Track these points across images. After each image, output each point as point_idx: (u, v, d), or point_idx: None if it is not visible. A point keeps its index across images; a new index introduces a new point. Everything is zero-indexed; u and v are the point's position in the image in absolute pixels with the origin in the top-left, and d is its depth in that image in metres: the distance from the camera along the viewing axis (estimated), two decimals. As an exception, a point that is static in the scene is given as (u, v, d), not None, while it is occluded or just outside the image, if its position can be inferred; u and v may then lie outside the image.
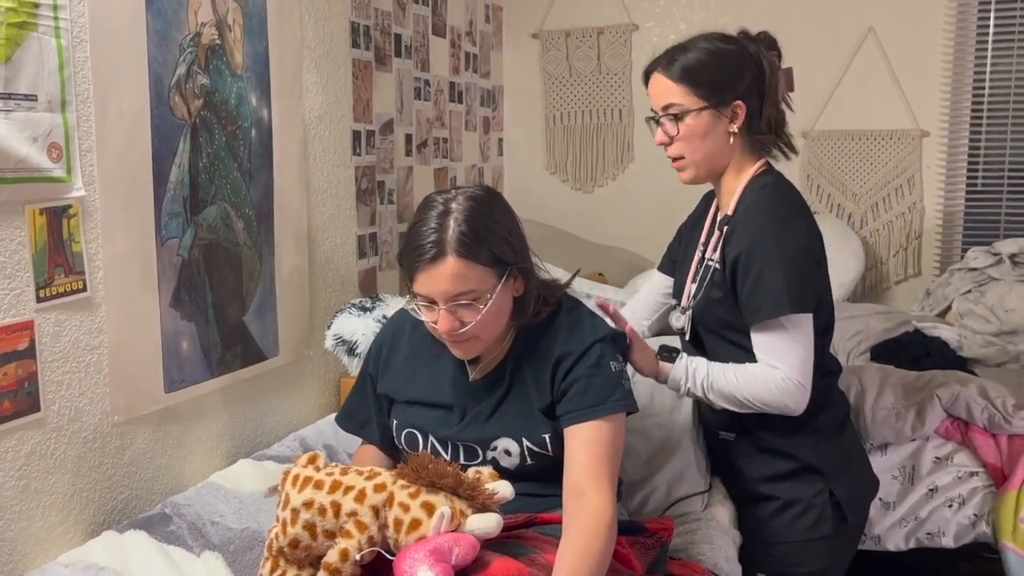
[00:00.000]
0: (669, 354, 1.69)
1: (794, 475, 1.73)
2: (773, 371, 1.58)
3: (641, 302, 2.00)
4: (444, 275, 1.35)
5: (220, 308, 1.98)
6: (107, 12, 1.62)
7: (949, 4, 3.34)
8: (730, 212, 1.69)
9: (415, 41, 2.97)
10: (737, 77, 1.63)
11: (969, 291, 3.05)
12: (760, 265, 1.58)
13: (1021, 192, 3.42)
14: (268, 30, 2.10)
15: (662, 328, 2.01)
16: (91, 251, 1.61)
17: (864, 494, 1.83)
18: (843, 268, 3.28)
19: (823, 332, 1.70)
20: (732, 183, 1.70)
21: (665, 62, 1.66)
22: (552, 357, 1.45)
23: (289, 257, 2.23)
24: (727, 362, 1.66)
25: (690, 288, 1.77)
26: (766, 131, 1.67)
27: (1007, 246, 3.08)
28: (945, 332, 2.83)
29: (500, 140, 3.90)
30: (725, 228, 1.68)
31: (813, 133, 3.52)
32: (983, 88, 3.39)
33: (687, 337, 1.79)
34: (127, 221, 1.69)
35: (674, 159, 1.69)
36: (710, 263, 1.71)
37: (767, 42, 1.68)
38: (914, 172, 3.44)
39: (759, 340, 1.61)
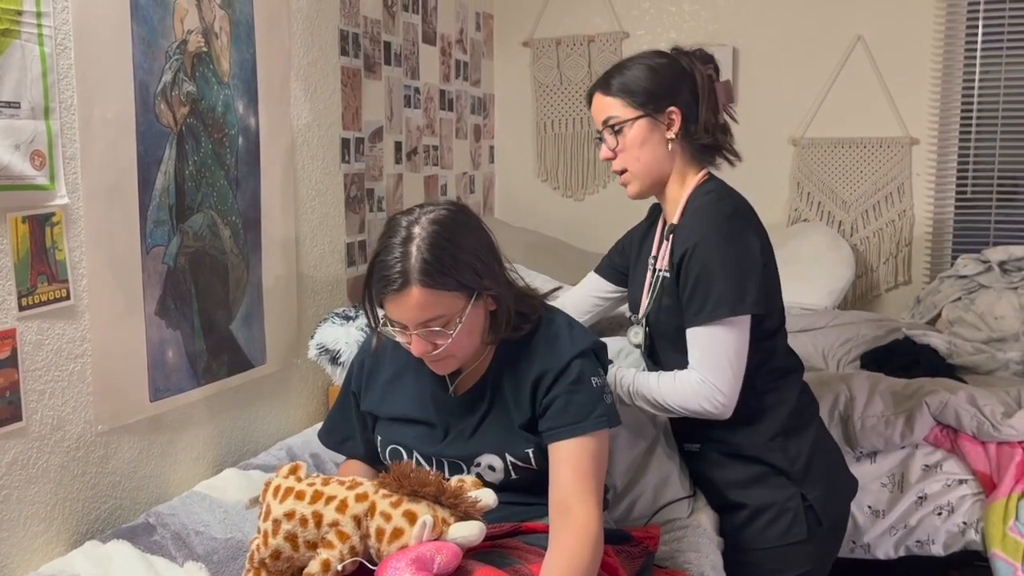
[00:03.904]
0: None
1: (763, 479, 1.74)
2: (696, 377, 1.62)
3: (573, 301, 1.99)
4: (410, 305, 1.34)
5: (206, 316, 1.97)
6: (91, 19, 1.61)
7: (938, 12, 3.36)
8: (675, 221, 1.73)
9: (405, 49, 2.97)
10: (669, 85, 1.69)
11: (959, 299, 3.06)
12: (701, 267, 1.61)
13: (1010, 200, 3.43)
14: (256, 37, 2.10)
15: (598, 330, 2.03)
16: (75, 259, 1.61)
17: (839, 495, 1.82)
18: (833, 275, 3.28)
19: (775, 333, 1.74)
20: (676, 193, 1.74)
21: (603, 82, 1.73)
22: (531, 375, 1.43)
23: (276, 265, 2.22)
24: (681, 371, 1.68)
25: (645, 301, 1.80)
26: (703, 135, 1.70)
27: (996, 254, 3.09)
28: (935, 339, 2.84)
29: (491, 148, 3.90)
30: (672, 236, 1.72)
31: (803, 141, 3.51)
32: (972, 96, 3.41)
33: (644, 351, 1.82)
34: (112, 229, 1.68)
35: (619, 173, 1.74)
36: (661, 273, 1.75)
37: (701, 57, 1.73)
38: (904, 180, 3.45)
39: (694, 341, 1.64)
